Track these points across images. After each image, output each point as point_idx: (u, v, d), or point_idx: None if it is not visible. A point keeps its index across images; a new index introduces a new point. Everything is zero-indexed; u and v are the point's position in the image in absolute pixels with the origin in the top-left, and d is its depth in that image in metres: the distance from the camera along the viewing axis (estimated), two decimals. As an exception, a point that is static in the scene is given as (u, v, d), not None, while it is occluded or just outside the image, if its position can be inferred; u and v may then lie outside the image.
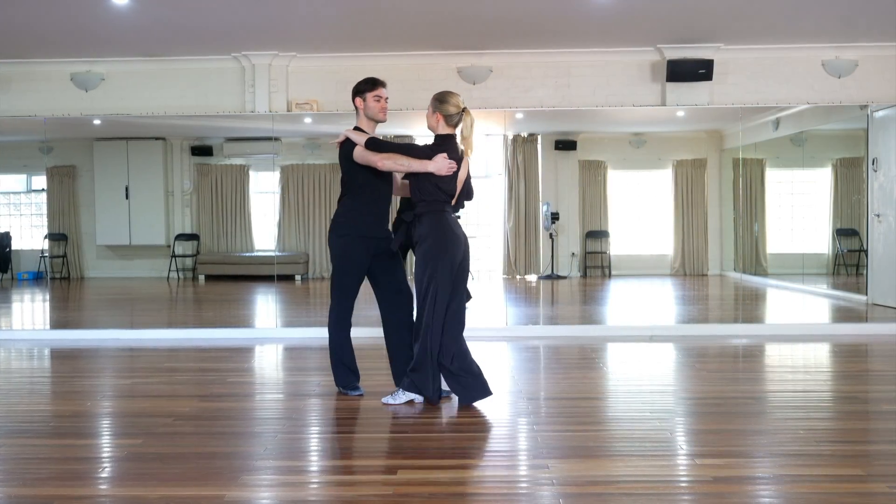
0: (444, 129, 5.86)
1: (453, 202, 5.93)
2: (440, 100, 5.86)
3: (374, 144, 5.80)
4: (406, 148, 5.82)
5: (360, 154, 5.80)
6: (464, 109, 5.86)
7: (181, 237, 14.62)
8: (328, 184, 14.14)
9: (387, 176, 6.02)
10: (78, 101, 10.55)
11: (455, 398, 5.91)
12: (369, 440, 5.02)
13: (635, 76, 10.33)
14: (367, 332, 7.89)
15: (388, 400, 5.87)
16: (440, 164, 5.71)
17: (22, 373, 7.56)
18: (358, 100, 5.99)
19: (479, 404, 5.87)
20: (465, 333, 8.41)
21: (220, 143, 14.39)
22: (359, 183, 5.96)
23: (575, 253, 12.43)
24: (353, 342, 6.04)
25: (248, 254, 14.60)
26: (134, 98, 10.54)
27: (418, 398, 5.87)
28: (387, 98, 6.01)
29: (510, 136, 12.48)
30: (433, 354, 5.75)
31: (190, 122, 11.77)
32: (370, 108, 5.97)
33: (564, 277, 12.39)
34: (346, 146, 5.94)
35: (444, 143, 5.82)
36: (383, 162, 5.72)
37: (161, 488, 4.08)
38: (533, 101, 10.30)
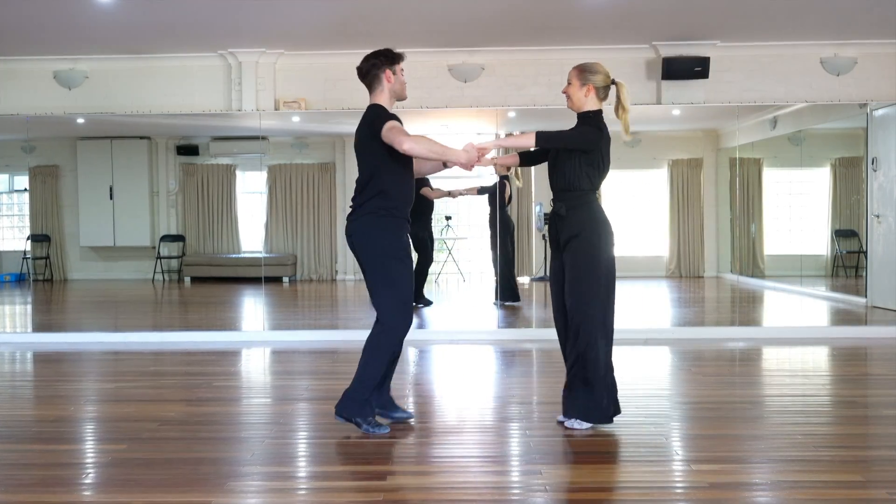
0: (593, 105, 5.14)
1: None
2: (591, 70, 5.12)
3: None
4: (556, 132, 5.11)
5: (387, 133, 4.94)
6: (613, 80, 5.19)
7: (166, 238, 14.56)
8: (316, 184, 14.10)
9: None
10: (61, 100, 10.46)
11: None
12: (359, 445, 4.94)
13: (630, 74, 10.25)
14: (363, 334, 7.79)
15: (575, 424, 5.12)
16: (471, 155, 5.09)
17: (3, 377, 7.49)
18: (388, 72, 5.16)
19: (472, 407, 5.82)
20: (455, 336, 8.30)
21: (206, 142, 14.33)
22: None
23: None
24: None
25: (234, 255, 14.57)
26: (118, 96, 10.45)
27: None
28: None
29: (502, 136, 12.39)
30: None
31: (175, 121, 11.70)
32: (399, 82, 5.23)
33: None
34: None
35: (595, 121, 5.13)
36: (410, 143, 4.89)
37: (146, 495, 4.04)
38: (526, 100, 10.22)
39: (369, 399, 5.12)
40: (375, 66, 5.15)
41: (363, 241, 5.11)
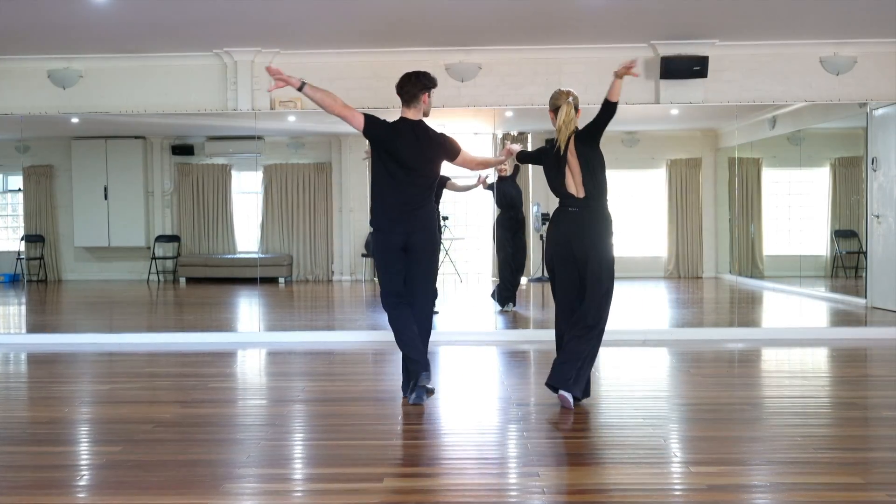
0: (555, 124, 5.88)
1: (580, 194, 5.79)
2: (551, 97, 5.91)
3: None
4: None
5: (465, 155, 6.12)
6: (568, 101, 5.80)
7: (161, 238, 14.52)
8: (312, 184, 14.08)
9: (400, 169, 5.88)
10: (55, 99, 10.41)
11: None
12: (355, 447, 4.91)
13: (628, 73, 10.21)
14: (360, 335, 7.80)
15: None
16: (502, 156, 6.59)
17: (-3, 378, 7.48)
18: (426, 95, 5.96)
19: (469, 409, 5.85)
20: (452, 337, 8.31)
21: (201, 141, 14.30)
22: (373, 174, 6.02)
23: None
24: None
25: (230, 256, 14.52)
26: (113, 96, 10.40)
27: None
28: None
29: (499, 135, 12.38)
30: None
31: (170, 121, 11.65)
32: (429, 104, 6.05)
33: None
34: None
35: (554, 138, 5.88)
36: (475, 162, 6.38)
37: (141, 496, 4.02)
38: (523, 99, 10.18)
39: None
40: (422, 86, 5.90)
41: (434, 235, 5.99)
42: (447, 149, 5.98)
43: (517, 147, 6.33)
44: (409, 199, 5.85)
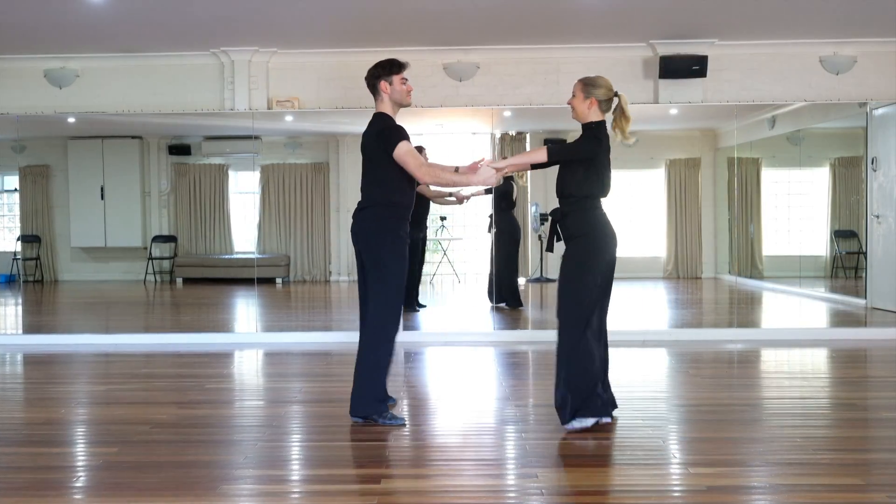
0: (596, 116, 5.37)
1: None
2: (594, 84, 5.39)
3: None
4: (562, 146, 5.56)
5: (403, 156, 5.28)
6: (616, 92, 5.43)
7: (158, 239, 14.50)
8: (309, 184, 14.08)
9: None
10: (52, 99, 10.38)
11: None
12: (352, 448, 4.93)
13: (627, 73, 10.20)
14: (357, 336, 7.75)
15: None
16: (485, 175, 5.33)
17: (-7, 379, 7.47)
18: (384, 83, 5.51)
19: (467, 410, 5.81)
20: (450, 338, 8.26)
21: (198, 141, 14.30)
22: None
23: None
24: (350, 346, 5.78)
25: (227, 256, 14.52)
26: (109, 95, 10.37)
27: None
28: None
29: (497, 135, 12.36)
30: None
31: (167, 121, 11.63)
32: (398, 91, 5.52)
33: (554, 280, 12.23)
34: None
35: (599, 131, 5.37)
36: (421, 171, 5.30)
37: (137, 498, 4.02)
38: (521, 99, 10.17)
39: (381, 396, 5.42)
40: (374, 76, 5.55)
41: (369, 243, 5.38)
42: (381, 134, 5.38)
43: (501, 163, 5.55)
44: (361, 196, 5.52)
